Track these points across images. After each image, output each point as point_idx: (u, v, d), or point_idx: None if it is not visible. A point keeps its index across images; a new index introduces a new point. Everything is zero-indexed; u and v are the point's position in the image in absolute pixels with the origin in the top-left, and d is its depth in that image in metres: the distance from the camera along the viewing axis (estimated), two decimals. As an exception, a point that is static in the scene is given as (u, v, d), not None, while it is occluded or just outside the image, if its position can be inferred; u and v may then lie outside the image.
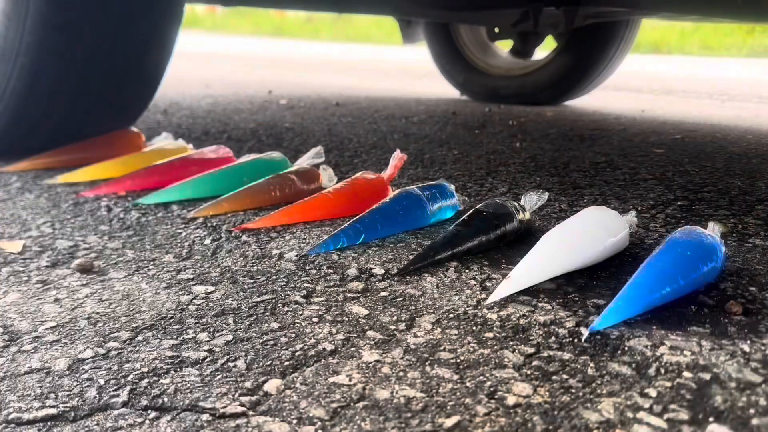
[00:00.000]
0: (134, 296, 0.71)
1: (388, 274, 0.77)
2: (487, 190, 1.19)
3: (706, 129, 2.05)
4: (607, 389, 0.52)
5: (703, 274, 0.70)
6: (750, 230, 0.95)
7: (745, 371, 0.55)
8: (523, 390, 0.52)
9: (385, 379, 0.54)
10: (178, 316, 0.66)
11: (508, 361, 0.57)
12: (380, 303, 0.69)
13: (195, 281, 0.75)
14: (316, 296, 0.71)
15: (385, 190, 1.04)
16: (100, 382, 0.53)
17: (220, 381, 0.53)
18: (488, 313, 0.66)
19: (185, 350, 0.59)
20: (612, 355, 0.58)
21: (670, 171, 1.38)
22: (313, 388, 0.52)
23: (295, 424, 0.48)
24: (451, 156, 1.51)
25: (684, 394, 0.52)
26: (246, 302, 0.69)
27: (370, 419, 0.48)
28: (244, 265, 0.80)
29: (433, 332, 0.62)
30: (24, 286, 0.73)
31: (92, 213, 1.02)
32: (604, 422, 0.48)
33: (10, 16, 1.23)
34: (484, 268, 0.79)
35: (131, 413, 0.49)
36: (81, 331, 0.62)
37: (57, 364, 0.56)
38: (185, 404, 0.50)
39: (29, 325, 0.63)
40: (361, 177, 1.05)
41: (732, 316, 0.65)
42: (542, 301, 0.69)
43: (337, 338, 0.61)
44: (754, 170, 1.40)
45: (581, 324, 0.64)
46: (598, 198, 1.14)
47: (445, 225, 0.95)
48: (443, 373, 0.55)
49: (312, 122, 2.02)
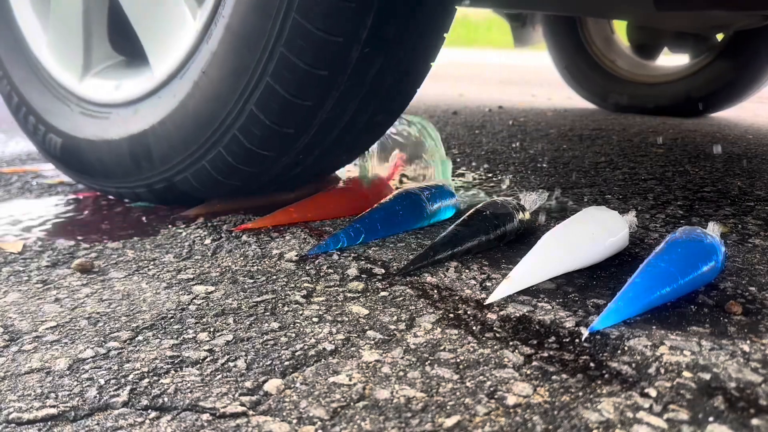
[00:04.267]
0: (134, 296, 0.71)
1: (388, 273, 0.77)
2: (488, 190, 1.19)
3: (706, 129, 2.05)
4: (607, 389, 0.52)
5: (703, 273, 0.70)
6: (750, 230, 0.95)
7: (745, 371, 0.55)
8: (523, 390, 0.52)
9: (385, 379, 0.54)
10: (178, 316, 0.66)
11: (508, 361, 0.57)
12: (380, 303, 0.69)
13: (195, 281, 0.75)
14: (316, 296, 0.71)
15: (384, 189, 1.04)
16: (100, 382, 0.53)
17: (221, 381, 0.54)
18: (488, 313, 0.66)
19: (185, 350, 0.59)
20: (612, 355, 0.58)
21: (670, 171, 1.38)
22: (313, 388, 0.52)
23: (295, 423, 0.48)
24: (450, 156, 1.51)
25: (684, 393, 0.52)
26: (246, 302, 0.69)
27: (370, 419, 0.48)
28: (245, 265, 0.80)
29: (433, 332, 0.62)
30: (24, 285, 0.73)
31: (92, 213, 1.02)
32: (604, 422, 0.48)
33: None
34: (484, 268, 0.79)
35: (131, 413, 0.49)
36: (81, 331, 0.62)
37: (57, 364, 0.56)
38: (185, 404, 0.50)
39: (29, 325, 0.63)
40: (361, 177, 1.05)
41: (732, 316, 0.65)
42: (542, 301, 0.69)
43: (337, 338, 0.61)
44: (754, 170, 1.40)
45: (581, 324, 0.64)
46: (598, 198, 1.14)
47: (445, 225, 0.95)
48: (443, 373, 0.55)
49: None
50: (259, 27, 0.85)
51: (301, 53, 0.85)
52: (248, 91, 0.88)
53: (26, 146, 1.56)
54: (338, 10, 0.82)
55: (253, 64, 0.87)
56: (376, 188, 1.04)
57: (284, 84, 0.87)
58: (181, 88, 0.94)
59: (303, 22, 0.83)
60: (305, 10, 0.82)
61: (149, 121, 0.97)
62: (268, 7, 0.84)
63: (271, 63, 0.86)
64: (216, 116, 0.91)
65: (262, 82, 0.87)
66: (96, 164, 1.05)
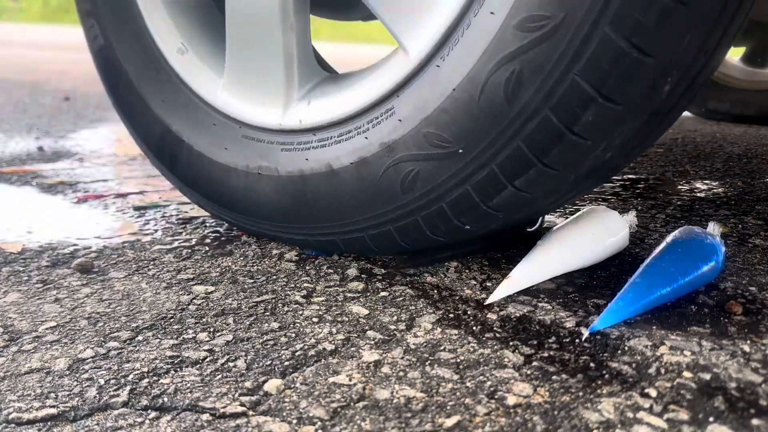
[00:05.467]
0: (134, 296, 0.71)
1: (388, 273, 0.77)
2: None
3: (706, 129, 2.05)
4: (607, 389, 0.52)
5: (703, 273, 0.70)
6: (750, 230, 0.95)
7: (745, 371, 0.55)
8: (523, 390, 0.52)
9: (385, 379, 0.54)
10: (178, 316, 0.66)
11: (508, 361, 0.57)
12: (380, 303, 0.69)
13: (195, 281, 0.75)
14: (316, 296, 0.71)
15: None
16: (100, 382, 0.53)
17: (220, 381, 0.53)
18: (488, 313, 0.66)
19: (185, 350, 0.59)
20: (612, 355, 0.58)
21: (669, 171, 1.38)
22: (313, 388, 0.52)
23: (295, 424, 0.48)
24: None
25: (684, 394, 0.52)
26: (246, 302, 0.69)
27: (370, 419, 0.48)
28: (244, 265, 0.80)
29: (433, 332, 0.62)
30: (24, 285, 0.73)
31: (91, 213, 1.02)
32: (604, 422, 0.48)
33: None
34: (484, 268, 0.79)
35: (131, 413, 0.49)
36: (81, 331, 0.62)
37: (57, 364, 0.56)
38: (185, 404, 0.50)
39: (29, 325, 0.63)
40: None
41: (732, 316, 0.65)
42: (542, 301, 0.69)
43: (337, 338, 0.61)
44: (754, 170, 1.40)
45: (581, 324, 0.64)
46: (598, 198, 1.14)
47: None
48: (443, 373, 0.55)
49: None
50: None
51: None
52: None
53: (26, 146, 1.56)
54: None
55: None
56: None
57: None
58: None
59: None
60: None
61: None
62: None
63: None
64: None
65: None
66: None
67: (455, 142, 0.66)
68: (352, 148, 0.73)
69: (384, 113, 0.72)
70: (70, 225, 0.95)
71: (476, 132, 0.65)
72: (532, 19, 0.59)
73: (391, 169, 0.70)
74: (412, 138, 0.68)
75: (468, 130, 0.65)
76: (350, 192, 0.74)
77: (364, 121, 0.73)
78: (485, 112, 0.64)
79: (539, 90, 0.60)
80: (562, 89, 0.60)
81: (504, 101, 0.62)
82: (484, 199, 0.68)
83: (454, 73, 0.65)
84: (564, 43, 0.58)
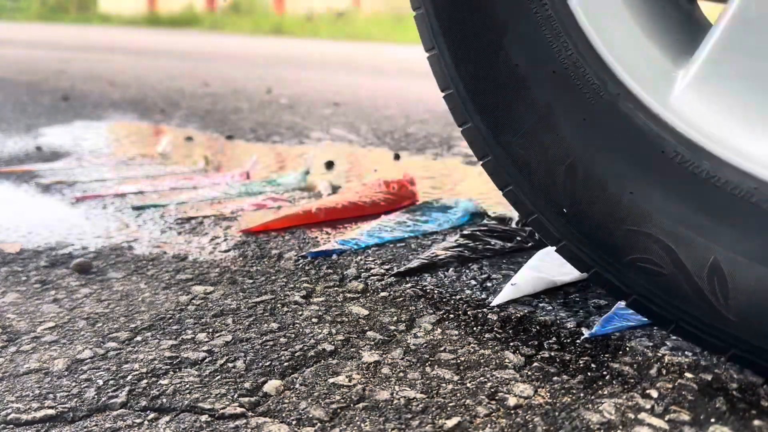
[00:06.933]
0: (133, 296, 0.70)
1: (388, 273, 0.76)
2: (490, 189, 1.18)
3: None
4: (609, 390, 0.52)
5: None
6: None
7: (746, 372, 0.55)
8: (524, 391, 0.52)
9: (385, 380, 0.54)
10: (177, 317, 0.65)
11: (508, 362, 0.57)
12: (380, 303, 0.69)
13: (194, 281, 0.75)
14: (316, 296, 0.70)
15: (404, 196, 1.04)
16: (98, 383, 0.53)
17: (220, 382, 0.53)
18: (489, 314, 0.66)
19: (184, 351, 0.58)
20: (613, 356, 0.57)
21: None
22: (312, 389, 0.52)
23: (295, 425, 0.47)
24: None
25: (685, 394, 0.52)
26: (245, 302, 0.69)
27: (370, 420, 0.48)
28: (244, 265, 0.80)
29: (434, 333, 0.62)
30: (23, 286, 0.73)
31: (91, 212, 1.01)
32: (605, 423, 0.48)
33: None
34: (484, 268, 0.78)
35: (130, 414, 0.49)
36: (80, 332, 0.62)
37: (55, 365, 0.56)
38: (184, 405, 0.50)
39: (28, 325, 0.63)
40: (368, 183, 1.04)
41: (733, 317, 0.65)
42: (543, 302, 0.69)
43: (337, 339, 0.61)
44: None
45: (582, 324, 0.63)
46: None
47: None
48: (444, 374, 0.55)
49: (312, 122, 2.02)
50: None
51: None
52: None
53: (24, 146, 1.55)
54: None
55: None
56: (399, 192, 1.04)
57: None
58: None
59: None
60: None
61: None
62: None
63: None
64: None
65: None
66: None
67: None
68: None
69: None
70: (68, 225, 0.95)
71: None
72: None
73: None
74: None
75: None
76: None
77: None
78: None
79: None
80: None
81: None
82: None
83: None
84: None
